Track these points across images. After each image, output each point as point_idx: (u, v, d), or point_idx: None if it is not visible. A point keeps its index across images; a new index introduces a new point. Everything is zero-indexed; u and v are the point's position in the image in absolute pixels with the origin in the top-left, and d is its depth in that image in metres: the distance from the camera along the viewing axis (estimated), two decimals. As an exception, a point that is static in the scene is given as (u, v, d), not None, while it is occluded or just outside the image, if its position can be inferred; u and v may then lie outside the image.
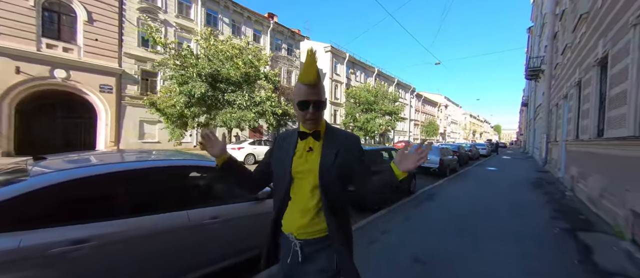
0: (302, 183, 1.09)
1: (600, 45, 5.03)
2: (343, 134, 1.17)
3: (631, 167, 3.60)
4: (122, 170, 1.99)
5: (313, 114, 1.06)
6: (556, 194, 6.80)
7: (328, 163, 1.07)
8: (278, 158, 1.16)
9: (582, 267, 2.87)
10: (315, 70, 1.00)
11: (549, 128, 12.52)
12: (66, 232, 1.62)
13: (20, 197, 1.52)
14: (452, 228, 4.05)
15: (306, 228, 1.06)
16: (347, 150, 1.11)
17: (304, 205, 1.07)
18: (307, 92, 1.04)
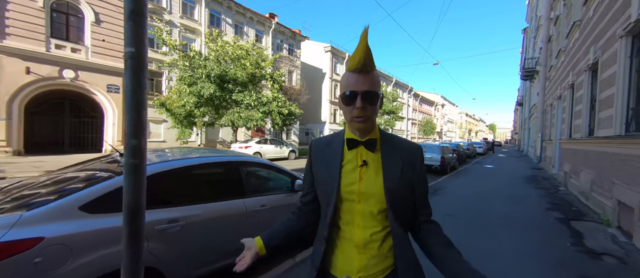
0: (357, 208, 0.84)
1: (591, 52, 5.51)
2: (403, 142, 0.90)
3: (617, 163, 4.08)
4: (196, 164, 2.36)
5: (362, 109, 0.78)
6: (550, 189, 7.31)
7: (395, 181, 0.83)
8: (322, 175, 0.90)
9: (574, 249, 3.32)
10: (363, 53, 0.75)
11: (544, 127, 13.11)
12: (165, 213, 2.00)
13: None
14: (459, 215, 4.50)
15: (371, 269, 0.83)
16: (410, 165, 0.86)
17: (364, 238, 0.83)
18: (355, 80, 0.78)
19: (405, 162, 0.85)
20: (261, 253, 0.92)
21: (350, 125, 0.84)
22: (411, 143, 0.92)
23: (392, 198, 0.82)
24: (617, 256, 3.10)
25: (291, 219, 1.00)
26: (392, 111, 27.37)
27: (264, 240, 0.93)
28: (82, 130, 14.30)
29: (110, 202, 1.79)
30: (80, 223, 1.64)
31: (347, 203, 0.85)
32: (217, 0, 18.91)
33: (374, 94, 0.78)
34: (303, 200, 0.99)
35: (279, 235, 0.96)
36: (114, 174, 1.97)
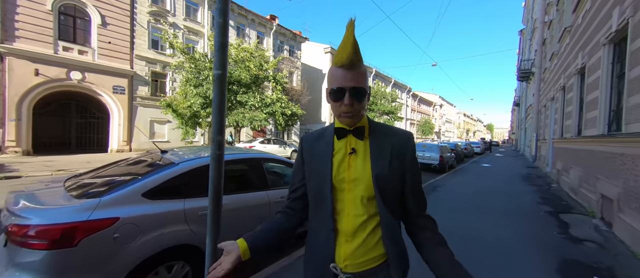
0: (347, 197, 0.83)
1: (579, 57, 5.91)
2: (391, 130, 0.89)
3: (601, 160, 4.46)
4: (229, 160, 2.70)
5: (350, 106, 0.78)
6: (543, 186, 7.71)
7: (384, 168, 0.81)
8: (314, 168, 0.89)
9: (560, 236, 3.70)
10: (351, 47, 0.74)
11: (539, 127, 13.54)
12: (205, 201, 2.33)
13: (182, 174, 2.24)
14: (459, 206, 4.88)
15: (358, 257, 0.82)
16: (399, 152, 0.84)
17: (352, 226, 0.82)
18: (342, 76, 0.77)
19: (395, 150, 0.84)
20: (244, 258, 0.83)
21: (340, 120, 0.84)
22: (401, 131, 0.89)
23: (380, 184, 0.80)
24: (597, 242, 3.47)
25: (279, 218, 0.95)
26: (391, 111, 27.77)
27: (249, 243, 0.85)
28: (88, 131, 14.56)
29: (164, 190, 2.13)
30: (143, 208, 1.98)
31: (338, 192, 0.84)
32: (219, 3, 19.19)
33: (361, 90, 0.77)
34: (292, 196, 0.96)
35: (266, 236, 0.89)
36: (163, 167, 2.31)
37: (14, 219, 1.68)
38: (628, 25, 3.55)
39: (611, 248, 3.28)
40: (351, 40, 0.73)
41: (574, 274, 2.65)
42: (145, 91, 15.63)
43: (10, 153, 11.21)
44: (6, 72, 11.19)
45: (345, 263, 0.82)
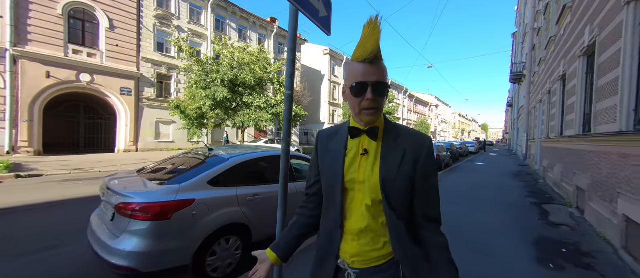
0: (356, 197, 0.84)
1: (561, 65, 6.58)
2: (407, 132, 0.86)
3: (577, 157, 5.11)
4: (264, 156, 3.25)
5: (373, 101, 0.77)
6: (531, 182, 8.39)
7: (392, 172, 0.80)
8: (327, 165, 0.89)
9: (540, 222, 4.32)
10: (375, 42, 0.73)
11: (529, 128, 14.30)
12: (251, 189, 2.88)
13: (234, 167, 2.79)
14: (454, 199, 5.49)
15: (365, 255, 0.83)
16: (413, 155, 0.81)
17: (359, 226, 0.82)
18: (364, 70, 0.76)
19: (408, 154, 0.81)
20: (277, 264, 0.95)
21: (358, 117, 0.82)
22: (419, 134, 0.85)
23: (386, 188, 0.78)
24: (570, 226, 4.11)
25: (298, 221, 0.99)
26: (388, 112, 28.54)
27: (278, 253, 0.94)
28: (96, 131, 14.92)
29: (221, 179, 2.68)
30: (209, 192, 2.52)
31: (348, 192, 0.84)
32: (222, 6, 19.67)
33: (384, 84, 0.76)
34: (310, 191, 0.98)
35: (292, 243, 0.97)
36: (218, 162, 2.85)
37: (120, 199, 2.22)
38: (596, 42, 4.19)
39: (581, 230, 3.92)
40: (376, 35, 0.73)
41: (547, 248, 3.26)
42: (151, 93, 16.02)
43: (23, 153, 11.56)
44: (19, 74, 11.54)
45: (352, 259, 0.83)
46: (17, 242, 3.23)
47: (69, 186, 6.54)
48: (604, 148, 3.78)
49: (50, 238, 3.36)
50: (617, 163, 3.32)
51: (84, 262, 2.79)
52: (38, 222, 3.97)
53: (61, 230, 3.66)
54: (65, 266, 2.72)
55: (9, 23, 11.17)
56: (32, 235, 3.45)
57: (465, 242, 3.33)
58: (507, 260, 2.90)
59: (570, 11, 6.01)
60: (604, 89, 3.86)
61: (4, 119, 11.28)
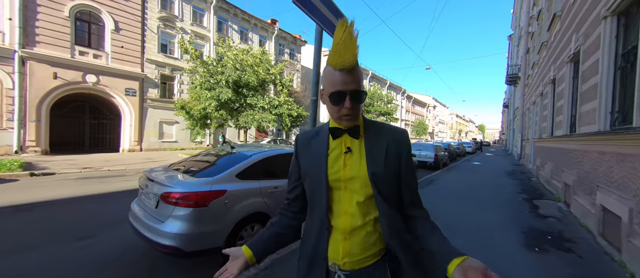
0: (344, 196, 0.83)
1: (552, 69, 7.00)
2: (386, 127, 0.89)
3: (565, 155, 5.51)
4: (282, 153, 3.59)
5: (351, 109, 0.77)
6: (525, 180, 8.81)
7: (380, 166, 0.81)
8: (310, 167, 0.89)
9: (530, 214, 4.72)
10: (352, 51, 0.73)
11: (523, 128, 14.78)
12: (271, 182, 3.23)
13: (256, 162, 3.13)
14: (452, 195, 5.87)
15: (356, 254, 0.82)
16: (396, 149, 0.84)
17: (350, 225, 0.82)
18: (342, 79, 0.75)
19: (391, 148, 0.83)
20: (251, 263, 0.89)
21: (338, 122, 0.83)
22: (395, 128, 0.89)
23: (377, 182, 0.80)
24: (557, 217, 4.51)
25: (279, 221, 0.97)
26: (387, 112, 28.95)
27: (253, 250, 0.90)
28: (101, 131, 15.15)
29: (246, 173, 3.03)
30: (238, 184, 2.87)
31: (334, 192, 0.84)
32: (224, 8, 19.97)
33: (361, 93, 0.78)
34: (290, 196, 0.96)
35: (270, 241, 0.93)
36: (242, 158, 3.20)
37: (164, 189, 2.56)
38: (580, 50, 4.60)
39: (566, 221, 4.31)
40: (352, 43, 0.72)
41: (534, 235, 3.65)
42: (155, 93, 16.28)
43: (30, 153, 11.78)
44: (27, 75, 11.77)
45: (343, 261, 0.82)
46: (57, 232, 3.55)
47: (84, 183, 6.83)
48: (586, 146, 4.18)
49: (88, 228, 3.69)
50: (596, 160, 3.71)
51: (123, 246, 3.13)
52: (70, 215, 4.28)
53: (95, 222, 3.98)
54: (108, 250, 3.06)
55: (17, 25, 11.40)
56: (69, 227, 3.77)
57: (463, 232, 3.70)
58: (498, 245, 3.28)
59: (559, 19, 6.43)
60: (587, 93, 4.26)
61: (12, 119, 11.50)
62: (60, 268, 2.66)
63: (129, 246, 3.12)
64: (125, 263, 2.81)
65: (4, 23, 11.25)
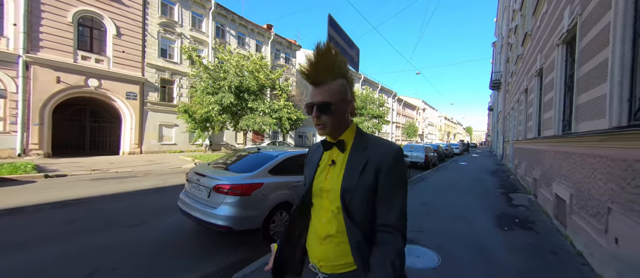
0: (321, 202, 0.89)
1: (525, 80, 8.01)
2: (377, 142, 0.88)
3: (535, 155, 6.47)
4: (302, 153, 4.30)
5: (317, 119, 0.85)
6: (504, 177, 9.83)
7: (353, 181, 0.82)
8: (305, 175, 0.99)
9: (505, 204, 5.61)
10: (318, 66, 0.82)
11: (505, 131, 16.00)
12: (294, 178, 3.93)
13: (282, 161, 3.83)
14: (441, 190, 6.73)
15: (331, 260, 0.86)
16: (376, 165, 0.83)
17: (324, 231, 0.86)
18: (312, 92, 0.86)
19: (370, 164, 0.83)
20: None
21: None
22: (387, 145, 0.87)
23: (345, 197, 0.82)
24: (526, 206, 5.41)
25: (294, 219, 1.00)
26: (379, 115, 30.06)
27: (279, 260, 0.96)
28: (101, 134, 15.34)
29: (276, 170, 3.73)
30: (270, 178, 3.56)
31: (316, 199, 0.91)
32: (222, 14, 20.49)
33: (327, 104, 0.83)
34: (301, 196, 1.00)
35: (293, 246, 0.98)
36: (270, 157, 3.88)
37: (216, 182, 3.23)
38: (543, 68, 5.54)
39: (532, 209, 5.22)
40: (322, 62, 0.82)
41: (505, 219, 4.50)
42: (155, 97, 16.60)
43: (33, 156, 11.96)
44: (31, 79, 11.97)
45: (320, 264, 0.87)
46: (111, 221, 4.13)
47: (104, 184, 7.29)
48: (547, 147, 5.10)
49: (134, 218, 4.28)
50: (553, 158, 4.62)
51: (171, 229, 3.77)
52: (112, 209, 4.84)
53: (138, 213, 4.56)
54: (161, 232, 3.69)
55: (22, 30, 11.63)
56: (118, 217, 4.34)
57: (449, 216, 4.52)
58: (476, 225, 4.10)
59: (530, 38, 7.45)
60: (547, 104, 5.19)
61: (16, 122, 11.67)
62: (130, 245, 3.28)
63: (176, 229, 3.77)
64: (179, 241, 3.46)
65: (8, 28, 11.47)
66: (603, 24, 2.68)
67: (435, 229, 3.81)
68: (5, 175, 7.48)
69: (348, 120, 0.91)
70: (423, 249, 3.19)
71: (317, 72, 0.84)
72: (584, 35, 3.28)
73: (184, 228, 3.83)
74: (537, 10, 6.27)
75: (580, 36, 3.42)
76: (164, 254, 3.08)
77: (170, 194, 6.12)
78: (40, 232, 3.61)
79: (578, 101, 3.45)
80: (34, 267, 2.72)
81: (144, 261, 2.91)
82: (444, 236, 3.55)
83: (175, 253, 3.11)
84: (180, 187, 6.54)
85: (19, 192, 6.02)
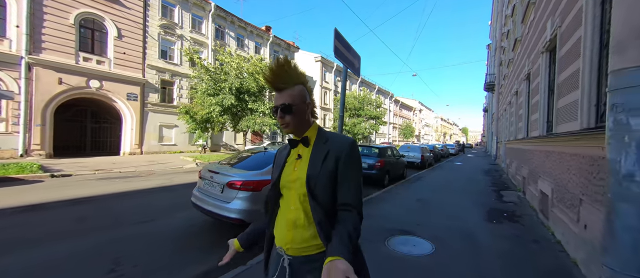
0: (289, 193, 1.02)
1: (516, 83, 8.41)
2: (335, 137, 1.04)
3: (524, 154, 6.84)
4: None
5: (280, 119, 1.01)
6: (497, 176, 10.23)
7: (316, 169, 0.96)
8: (274, 173, 1.11)
9: (496, 200, 5.96)
10: (279, 75, 0.99)
11: (498, 132, 16.47)
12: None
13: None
14: (436, 188, 7.07)
15: (297, 243, 0.98)
16: (335, 155, 0.98)
17: (292, 217, 0.99)
18: (276, 97, 1.03)
19: (331, 153, 0.97)
20: (239, 250, 1.15)
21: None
22: (344, 138, 1.03)
23: (310, 183, 0.95)
24: (515, 202, 5.77)
25: (261, 220, 1.19)
26: (376, 116, 30.44)
27: (240, 241, 1.15)
28: (102, 135, 15.46)
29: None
30: (278, 175, 3.85)
31: (285, 190, 1.04)
32: (221, 16, 20.72)
33: (289, 106, 0.99)
34: (268, 195, 1.13)
35: (253, 233, 1.18)
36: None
37: (229, 178, 3.51)
38: (530, 73, 5.92)
39: (520, 204, 5.58)
40: (280, 71, 0.98)
41: (495, 213, 4.84)
42: (155, 98, 16.76)
43: (35, 156, 12.07)
44: (33, 80, 12.10)
45: (287, 247, 0.99)
46: (120, 218, 4.38)
47: (110, 183, 7.50)
48: (534, 147, 5.46)
49: (143, 215, 4.53)
50: (539, 157, 4.98)
51: (182, 225, 4.03)
52: (121, 207, 5.08)
53: (146, 211, 4.81)
54: (172, 227, 3.95)
55: (24, 32, 11.76)
56: (128, 214, 4.59)
57: (443, 212, 4.85)
58: (467, 219, 4.44)
59: (520, 43, 7.85)
60: (534, 107, 5.56)
61: (18, 123, 11.78)
62: (143, 238, 3.54)
63: (187, 224, 4.04)
64: (190, 236, 3.72)
65: (11, 30, 11.59)
66: (576, 37, 3.03)
67: (430, 223, 4.12)
68: (12, 174, 7.65)
69: (309, 120, 1.06)
70: (419, 240, 3.51)
71: (279, 79, 0.99)
72: (562, 45, 3.64)
73: (194, 224, 4.08)
74: (526, 17, 6.66)
75: (559, 46, 3.77)
76: (177, 248, 3.34)
77: (177, 192, 6.38)
78: (53, 229, 3.81)
79: (558, 105, 3.80)
80: (48, 263, 2.86)
81: (159, 254, 3.16)
82: (438, 229, 3.87)
83: (187, 247, 3.36)
84: (186, 186, 6.83)
85: (28, 190, 6.22)
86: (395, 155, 9.28)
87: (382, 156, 8.31)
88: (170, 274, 2.74)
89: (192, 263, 2.94)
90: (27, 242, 3.37)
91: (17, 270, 2.71)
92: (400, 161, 9.47)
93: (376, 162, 7.78)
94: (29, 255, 3.04)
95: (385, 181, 7.83)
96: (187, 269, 2.80)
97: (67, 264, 2.88)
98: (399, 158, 9.61)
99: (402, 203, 5.44)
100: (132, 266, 2.85)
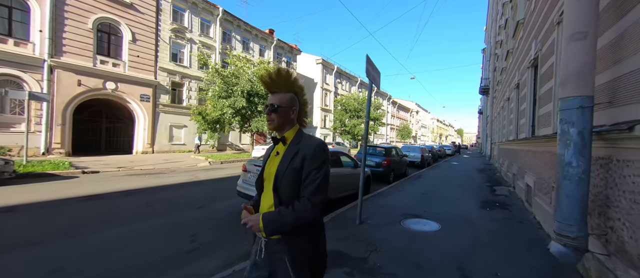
0: (268, 184, 1.18)
1: (507, 91, 9.35)
2: (308, 139, 1.18)
3: (514, 154, 7.75)
4: (336, 151, 5.41)
5: (268, 116, 1.20)
6: (491, 174, 11.18)
7: (284, 166, 1.12)
8: (262, 165, 1.28)
9: (489, 193, 6.86)
10: (276, 81, 1.18)
11: (492, 134, 17.50)
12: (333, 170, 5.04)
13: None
14: (437, 184, 7.95)
15: None
16: (303, 154, 1.12)
17: (267, 206, 1.16)
18: (269, 97, 1.22)
19: (299, 154, 1.13)
20: (251, 211, 1.25)
21: None
22: (314, 140, 1.17)
23: (278, 177, 1.12)
24: (506, 195, 6.68)
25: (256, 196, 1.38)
26: (375, 118, 31.37)
27: (251, 206, 1.29)
28: (116, 134, 16.07)
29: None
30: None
31: (265, 181, 1.22)
32: (228, 20, 21.44)
33: (276, 106, 1.18)
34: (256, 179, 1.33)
35: (257, 202, 1.30)
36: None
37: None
38: (519, 83, 6.83)
39: (510, 197, 6.48)
40: (277, 78, 1.19)
41: (488, 203, 5.73)
42: (166, 99, 17.42)
43: (56, 154, 12.67)
44: (55, 82, 12.71)
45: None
46: (173, 205, 5.15)
47: (145, 179, 8.20)
48: (522, 147, 6.37)
49: (193, 203, 5.31)
50: (525, 156, 5.87)
51: (230, 210, 4.83)
52: (173, 196, 5.83)
53: (195, 199, 5.58)
54: (222, 211, 4.74)
55: (47, 36, 12.37)
56: (179, 202, 5.36)
57: (443, 202, 5.72)
58: (465, 207, 5.31)
59: (512, 55, 8.79)
60: (523, 112, 6.47)
61: (40, 122, 12.38)
62: (203, 220, 4.33)
63: (234, 210, 4.84)
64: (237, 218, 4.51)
65: (35, 34, 12.20)
66: (550, 63, 3.92)
67: (434, 210, 4.98)
68: (49, 170, 8.32)
69: (293, 122, 1.23)
70: (428, 221, 4.36)
71: (274, 84, 1.20)
72: (542, 65, 4.53)
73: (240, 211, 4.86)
74: (516, 34, 7.59)
75: (540, 65, 4.67)
76: (232, 227, 4.11)
77: (209, 186, 7.16)
78: (127, 213, 4.58)
79: (539, 113, 4.69)
80: (140, 234, 3.67)
81: (221, 232, 3.93)
82: (441, 214, 4.73)
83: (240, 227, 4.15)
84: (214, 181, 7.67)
85: (73, 184, 6.92)
86: (399, 155, 10.17)
87: (388, 155, 9.18)
88: (235, 248, 3.52)
89: (247, 239, 3.74)
90: (112, 220, 4.15)
91: (117, 240, 3.49)
92: (403, 160, 10.35)
93: (383, 160, 8.64)
94: (120, 229, 3.83)
95: (390, 178, 8.69)
96: (242, 243, 3.57)
97: (155, 236, 3.67)
98: (402, 157, 10.49)
99: (409, 196, 6.29)
100: (205, 239, 3.64)
